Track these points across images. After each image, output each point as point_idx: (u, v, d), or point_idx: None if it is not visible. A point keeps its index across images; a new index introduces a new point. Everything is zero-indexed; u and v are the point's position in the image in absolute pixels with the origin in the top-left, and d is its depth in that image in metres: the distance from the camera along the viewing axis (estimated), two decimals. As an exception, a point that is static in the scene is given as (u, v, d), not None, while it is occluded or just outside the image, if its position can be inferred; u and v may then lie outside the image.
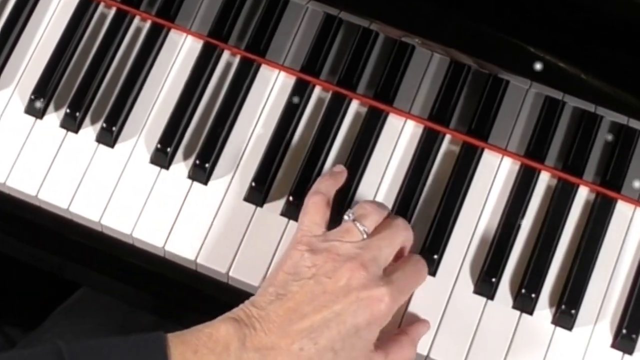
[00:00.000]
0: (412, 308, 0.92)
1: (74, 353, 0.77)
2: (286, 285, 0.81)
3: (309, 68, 0.98)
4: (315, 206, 0.87)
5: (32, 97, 0.98)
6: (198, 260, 0.94)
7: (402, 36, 0.96)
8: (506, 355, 0.91)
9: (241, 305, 0.82)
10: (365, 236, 0.85)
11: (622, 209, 0.94)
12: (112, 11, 1.01)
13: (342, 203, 0.93)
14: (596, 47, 0.89)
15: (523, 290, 0.91)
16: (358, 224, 0.85)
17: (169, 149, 0.96)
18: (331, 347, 0.79)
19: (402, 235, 0.86)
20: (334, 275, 0.80)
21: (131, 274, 0.99)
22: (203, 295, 0.97)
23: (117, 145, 0.98)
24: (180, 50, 1.00)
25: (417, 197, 0.95)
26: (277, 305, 0.80)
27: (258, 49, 0.99)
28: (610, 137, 0.95)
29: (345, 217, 0.86)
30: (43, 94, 0.98)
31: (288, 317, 0.79)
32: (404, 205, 0.94)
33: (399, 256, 0.88)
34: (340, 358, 0.80)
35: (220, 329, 0.79)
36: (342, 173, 0.91)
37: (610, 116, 0.94)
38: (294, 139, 0.97)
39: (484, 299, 0.92)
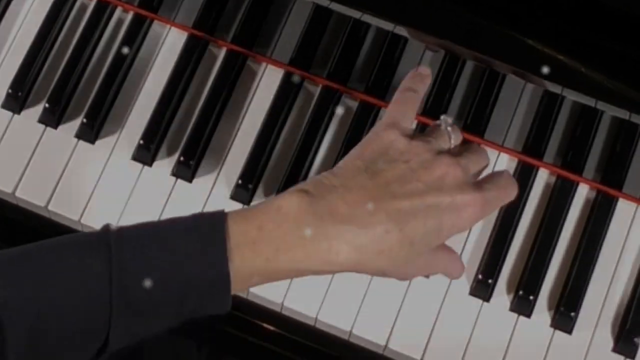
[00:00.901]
0: (405, 309, 0.91)
1: (121, 239, 0.71)
2: (376, 162, 0.75)
3: (297, 61, 0.97)
4: (409, 100, 0.81)
5: (10, 90, 0.97)
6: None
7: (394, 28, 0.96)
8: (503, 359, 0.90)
9: (317, 177, 0.76)
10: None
11: (624, 207, 0.93)
12: (93, 2, 1.00)
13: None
14: (596, 40, 0.88)
15: (521, 292, 0.90)
16: (451, 133, 0.80)
17: (152, 145, 0.95)
18: (412, 238, 0.73)
19: (486, 158, 0.81)
20: (430, 167, 0.75)
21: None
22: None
23: (97, 142, 0.96)
24: (164, 43, 0.99)
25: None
26: (365, 178, 0.74)
27: (245, 41, 0.98)
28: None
29: (439, 121, 0.81)
30: (21, 88, 0.97)
31: (378, 192, 0.73)
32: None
33: None
34: (412, 253, 0.74)
35: (291, 200, 0.72)
36: (429, 76, 0.85)
37: (611, 111, 0.93)
38: (282, 134, 0.96)
39: (479, 301, 0.91)
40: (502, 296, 0.91)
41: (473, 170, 0.79)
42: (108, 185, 0.95)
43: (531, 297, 0.90)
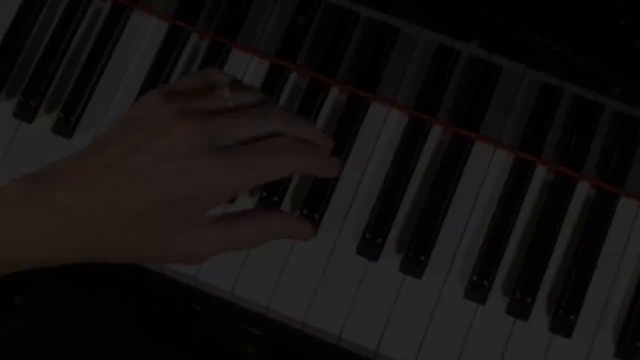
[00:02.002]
0: (396, 312, 0.90)
1: None
2: (108, 136, 0.68)
3: (284, 53, 0.96)
4: (201, 76, 0.71)
5: (-18, 83, 0.97)
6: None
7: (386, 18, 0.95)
8: (499, 364, 0.90)
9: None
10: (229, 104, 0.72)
11: (625, 206, 0.93)
12: (69, -10, 1.00)
13: (326, 198, 0.92)
14: (598, 32, 0.88)
15: (517, 294, 0.89)
16: (225, 91, 0.70)
17: (131, 141, 0.93)
18: (133, 220, 0.67)
19: (279, 121, 0.70)
20: (168, 132, 0.67)
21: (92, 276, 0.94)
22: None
23: (75, 136, 0.96)
24: (144, 33, 0.98)
25: (402, 192, 0.93)
26: (89, 159, 0.67)
27: (229, 31, 0.97)
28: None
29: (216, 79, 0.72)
30: (-6, 81, 0.97)
31: (95, 175, 0.66)
32: (387, 201, 0.92)
33: None
34: (149, 235, 0.67)
35: (13, 186, 0.67)
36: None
37: (612, 105, 0.92)
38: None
39: (475, 304, 0.90)
40: (498, 299, 0.90)
41: (242, 136, 0.68)
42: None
43: (528, 300, 0.89)
